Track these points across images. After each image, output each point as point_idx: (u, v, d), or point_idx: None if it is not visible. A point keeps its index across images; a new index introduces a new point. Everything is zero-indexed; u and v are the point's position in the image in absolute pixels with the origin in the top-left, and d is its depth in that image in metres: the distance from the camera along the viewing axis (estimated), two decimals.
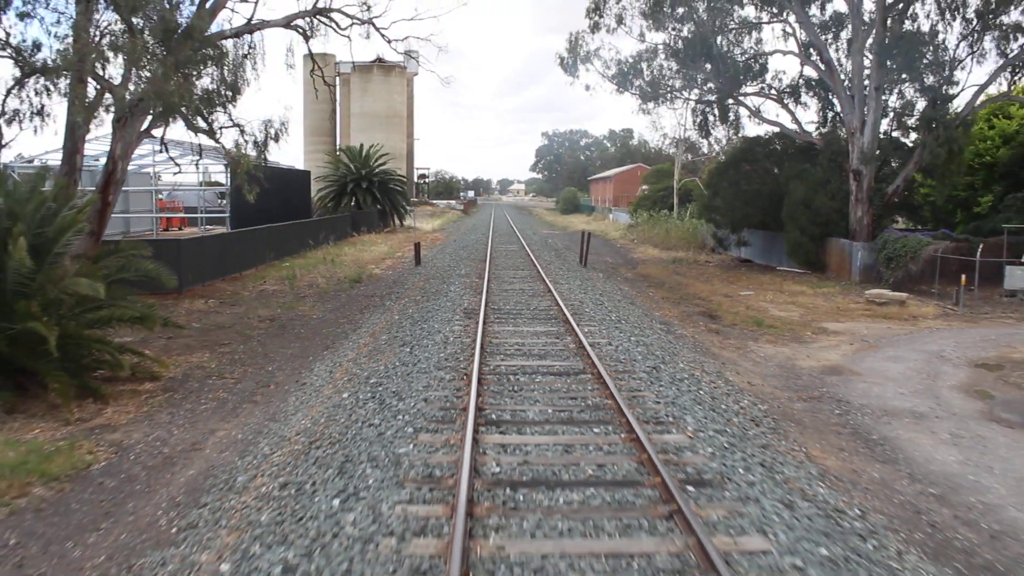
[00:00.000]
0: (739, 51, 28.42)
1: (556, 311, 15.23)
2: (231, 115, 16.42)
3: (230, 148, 17.11)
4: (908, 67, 24.38)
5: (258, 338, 14.73)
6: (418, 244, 28.87)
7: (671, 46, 28.31)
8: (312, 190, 47.16)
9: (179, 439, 8.97)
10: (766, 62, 28.72)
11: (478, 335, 12.08)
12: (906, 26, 24.39)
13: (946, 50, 24.39)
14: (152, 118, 16.60)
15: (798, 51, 27.08)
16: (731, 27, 27.97)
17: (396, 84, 76.96)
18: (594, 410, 8.41)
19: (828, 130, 27.91)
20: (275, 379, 11.73)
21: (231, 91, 16.06)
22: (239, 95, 16.25)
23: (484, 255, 28.15)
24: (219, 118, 16.29)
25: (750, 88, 29.06)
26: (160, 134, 17.58)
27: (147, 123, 16.88)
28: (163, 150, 18.17)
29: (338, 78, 69.53)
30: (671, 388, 9.55)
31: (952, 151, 22.92)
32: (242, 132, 16.75)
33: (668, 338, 13.96)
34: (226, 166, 28.41)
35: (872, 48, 24.13)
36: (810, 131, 28.38)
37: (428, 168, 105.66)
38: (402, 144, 77.02)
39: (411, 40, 23.44)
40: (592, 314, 15.23)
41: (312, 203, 46.17)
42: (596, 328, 13.59)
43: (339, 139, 76.94)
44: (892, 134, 26.79)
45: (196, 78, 15.86)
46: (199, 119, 15.99)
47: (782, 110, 28.91)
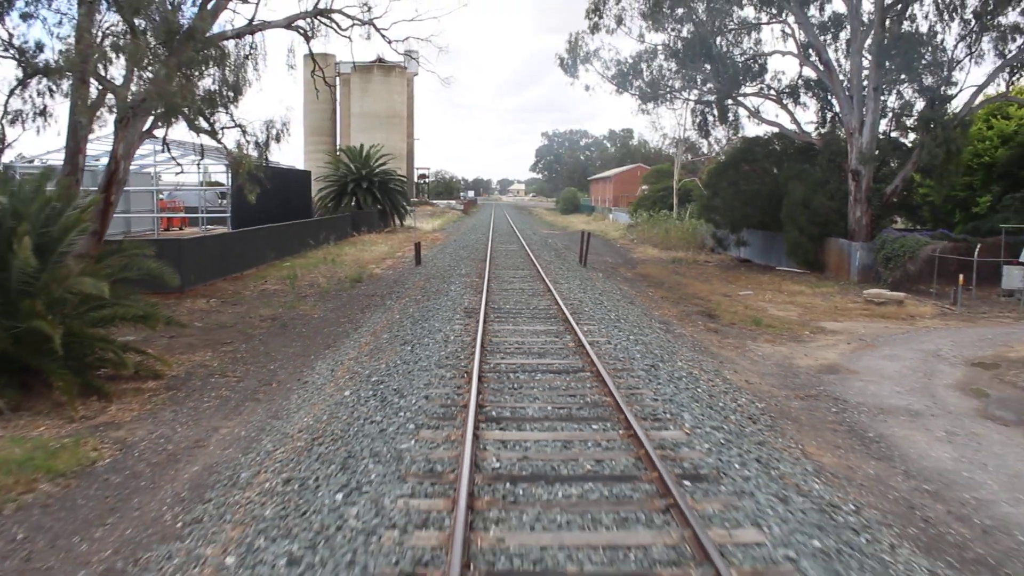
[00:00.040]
0: (738, 52, 28.53)
1: (556, 310, 15.35)
2: (233, 115, 16.55)
3: (232, 149, 17.22)
4: (906, 68, 24.48)
5: (260, 337, 14.83)
6: (418, 244, 28.98)
7: (670, 47, 28.43)
8: (312, 190, 47.28)
9: (183, 436, 9.07)
10: (765, 63, 28.85)
11: (478, 334, 12.19)
12: (904, 27, 24.50)
13: (944, 51, 24.51)
14: (154, 119, 16.70)
15: (797, 52, 27.18)
16: (730, 28, 28.08)
17: (396, 84, 77.06)
18: (593, 407, 8.53)
19: (827, 130, 28.01)
20: (277, 377, 11.83)
21: (233, 92, 16.18)
22: (241, 96, 16.38)
23: (484, 255, 28.26)
24: (221, 118, 16.43)
25: (749, 88, 29.18)
26: (162, 134, 17.68)
27: (149, 123, 16.98)
28: (165, 150, 18.27)
29: (338, 78, 69.63)
30: (669, 386, 9.66)
31: (950, 151, 23.03)
32: (244, 132, 16.89)
33: (667, 337, 14.07)
34: (227, 166, 28.51)
35: (871, 49, 24.23)
36: (809, 131, 28.49)
37: (428, 168, 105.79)
38: (402, 144, 77.12)
39: (411, 41, 23.64)
40: (591, 313, 15.34)
41: (313, 203, 46.29)
42: (595, 327, 13.69)
43: (339, 139, 77.05)
44: (891, 134, 26.89)
45: (198, 79, 15.98)
46: (201, 119, 16.10)
47: (781, 110, 29.05)
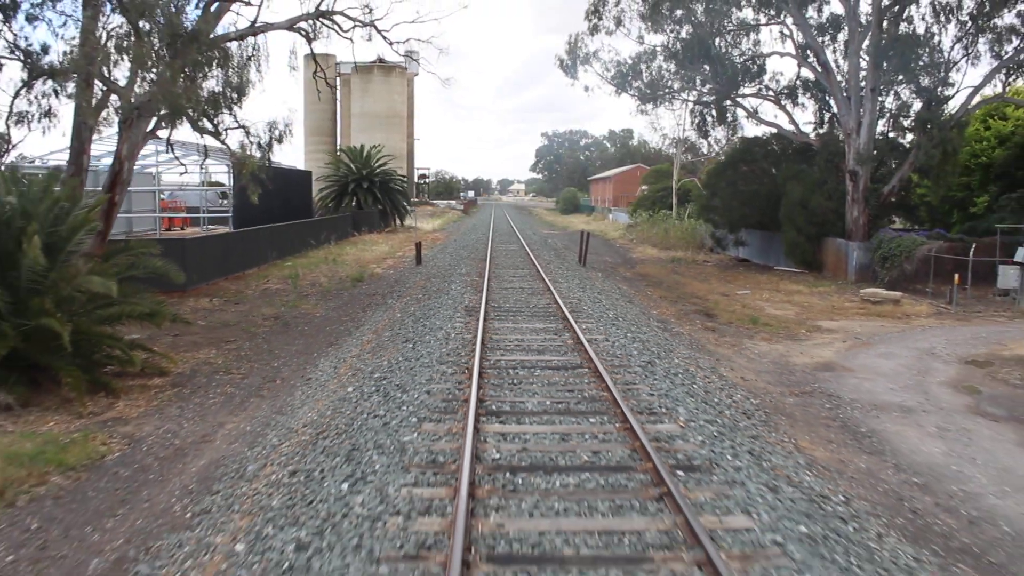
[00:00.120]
0: (737, 53, 28.69)
1: (555, 309, 15.54)
2: (236, 117, 16.76)
3: (235, 149, 17.42)
4: (904, 69, 24.68)
5: (263, 335, 15.02)
6: (419, 244, 29.16)
7: (669, 48, 28.61)
8: (313, 190, 47.48)
9: (189, 431, 9.26)
10: (764, 64, 29.01)
11: (479, 331, 12.38)
12: (902, 28, 24.70)
13: (941, 52, 24.70)
14: (158, 120, 16.90)
15: (795, 53, 27.38)
16: (729, 29, 28.26)
17: (396, 84, 77.22)
18: (590, 402, 8.74)
19: (825, 131, 28.19)
20: (281, 375, 12.02)
21: (237, 93, 16.37)
22: (244, 97, 16.57)
23: (484, 255, 28.45)
24: (224, 120, 16.62)
25: (748, 89, 29.37)
26: (165, 135, 17.88)
27: (152, 124, 17.19)
28: (169, 151, 18.46)
29: (339, 78, 69.62)
30: (665, 382, 9.87)
31: (946, 152, 23.21)
32: (247, 133, 17.09)
33: (664, 335, 14.26)
34: (228, 166, 28.78)
35: (868, 50, 24.42)
36: (807, 132, 28.68)
37: (428, 168, 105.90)
38: (402, 144, 77.27)
39: (412, 42, 23.85)
40: (590, 312, 15.53)
41: (313, 203, 46.49)
42: (594, 325, 13.89)
43: (339, 139, 77.19)
44: (888, 135, 27.07)
45: (202, 80, 16.16)
46: (205, 121, 16.30)
47: (779, 111, 29.23)
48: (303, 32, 20.29)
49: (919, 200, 28.12)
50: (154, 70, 15.50)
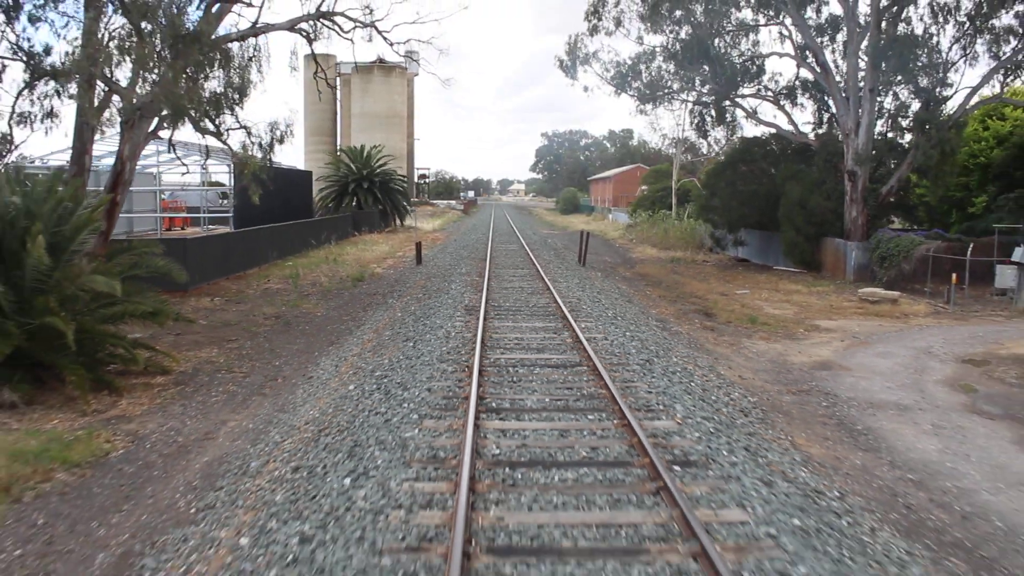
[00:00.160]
0: (736, 53, 28.79)
1: (554, 308, 15.64)
2: (238, 117, 16.86)
3: (237, 150, 17.52)
4: (902, 69, 24.79)
5: (264, 334, 15.12)
6: (419, 243, 29.25)
7: (669, 48, 28.71)
8: (314, 190, 47.58)
9: (192, 429, 9.36)
10: (763, 64, 29.12)
11: (479, 330, 12.49)
12: (900, 29, 24.80)
13: (939, 53, 24.80)
14: (159, 120, 16.99)
15: (794, 53, 27.49)
16: (728, 29, 28.35)
17: (396, 84, 77.32)
18: (589, 399, 8.85)
19: (824, 131, 28.31)
20: (282, 373, 12.12)
21: (238, 94, 16.47)
22: (246, 98, 16.66)
23: (484, 254, 28.55)
24: (226, 120, 16.71)
25: (747, 90, 29.48)
26: (167, 136, 17.98)
27: (154, 125, 17.29)
28: (171, 151, 18.56)
29: (339, 78, 69.65)
30: (663, 379, 9.97)
31: (944, 152, 23.32)
32: (249, 134, 17.19)
33: (663, 334, 14.36)
34: (229, 166, 28.89)
35: (867, 51, 24.52)
36: (806, 132, 28.79)
37: (428, 168, 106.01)
38: (402, 144, 77.36)
39: (412, 42, 23.93)
40: (589, 311, 15.63)
41: (314, 203, 46.60)
42: (593, 324, 13.99)
43: (340, 139, 77.27)
44: (887, 135, 27.18)
45: (204, 81, 16.26)
46: (207, 121, 16.39)
47: (779, 111, 29.35)
48: (304, 33, 20.39)
49: (918, 200, 28.22)
50: (156, 71, 15.59)
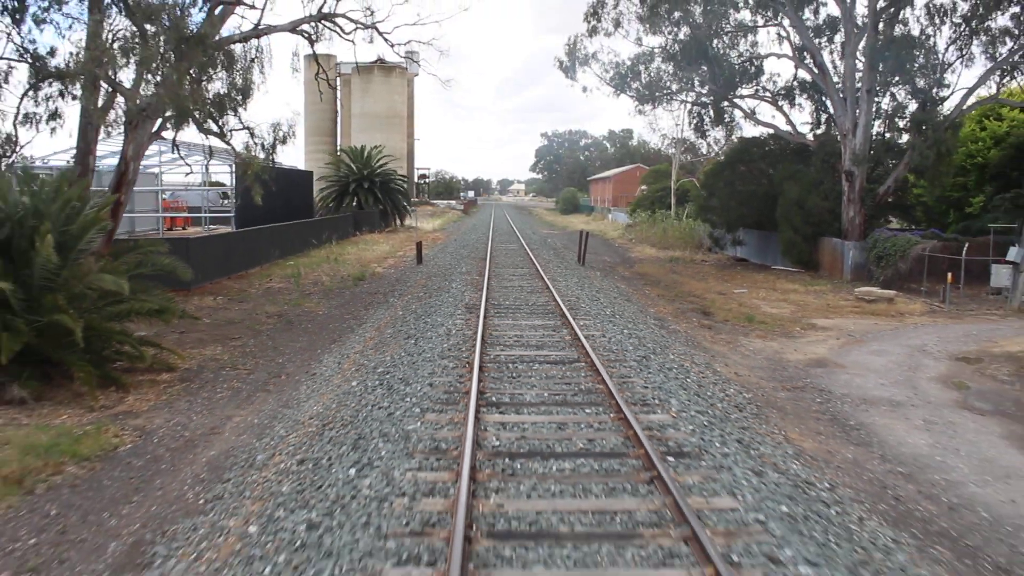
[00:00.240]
0: (735, 54, 28.99)
1: (553, 306, 15.84)
2: (241, 118, 17.04)
3: (240, 150, 17.71)
4: (899, 70, 24.99)
5: (267, 333, 15.31)
6: (420, 243, 29.44)
7: (667, 49, 28.90)
8: (314, 190, 47.76)
9: (198, 424, 9.55)
10: (761, 65, 29.31)
11: (479, 328, 12.68)
12: (897, 30, 25.00)
13: (936, 54, 25.00)
14: (163, 121, 17.17)
15: (792, 54, 27.69)
16: (727, 30, 28.54)
17: (397, 85, 77.48)
18: (586, 393, 9.06)
19: (822, 132, 28.49)
20: (286, 370, 12.31)
21: (241, 95, 16.66)
22: (249, 99, 16.86)
23: (484, 254, 28.74)
24: (229, 121, 16.90)
25: (745, 90, 29.69)
26: (171, 136, 18.17)
27: (157, 125, 17.47)
28: (175, 152, 18.76)
29: (339, 78, 69.87)
30: (659, 375, 10.18)
31: (940, 153, 23.48)
32: (252, 135, 17.38)
33: (661, 332, 14.55)
34: (230, 166, 29.07)
35: (864, 52, 24.71)
36: (804, 132, 28.99)
37: (428, 168, 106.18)
38: (403, 144, 77.51)
39: (413, 44, 24.15)
40: (588, 309, 15.83)
41: (315, 203, 46.80)
42: (591, 322, 14.18)
43: (340, 139, 77.43)
44: (884, 136, 27.38)
45: (207, 82, 16.46)
46: (210, 122, 16.59)
47: (777, 112, 29.58)
48: (305, 34, 20.57)
49: (915, 200, 28.41)
50: (160, 72, 15.78)
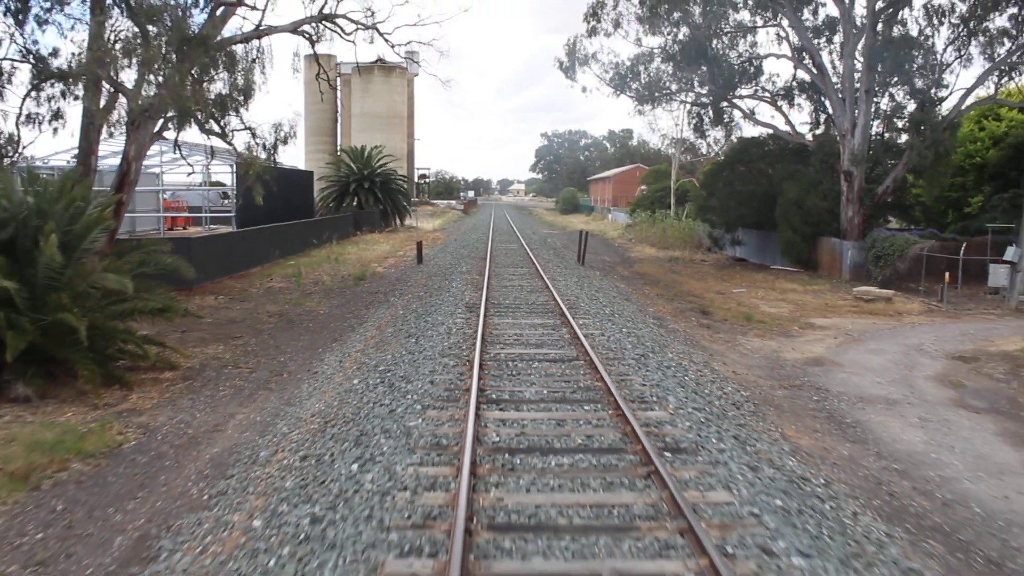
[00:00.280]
0: (734, 54, 29.10)
1: (553, 305, 15.94)
2: (243, 119, 17.16)
3: (242, 151, 17.82)
4: (898, 71, 25.10)
5: (268, 332, 15.41)
6: (420, 243, 29.53)
7: (667, 50, 29.00)
8: (315, 190, 47.88)
9: (201, 421, 9.65)
10: (760, 65, 29.42)
11: (479, 327, 12.79)
12: (896, 31, 25.11)
13: (934, 54, 25.10)
14: (165, 121, 17.29)
15: (791, 55, 27.79)
16: (726, 31, 28.65)
17: (397, 85, 77.61)
18: (585, 391, 9.17)
19: (820, 132, 28.60)
20: (288, 368, 12.41)
21: (243, 95, 16.77)
22: (251, 99, 16.98)
23: (484, 254, 28.84)
24: (231, 121, 17.01)
25: (744, 91, 29.80)
26: (172, 136, 18.28)
27: (159, 126, 17.59)
28: (176, 152, 18.87)
29: (339, 78, 70.03)
30: (657, 373, 10.29)
31: (938, 153, 23.57)
32: (253, 135, 17.49)
33: (659, 331, 14.65)
34: (231, 166, 29.18)
35: (863, 52, 24.81)
36: (803, 133, 29.10)
37: (428, 168, 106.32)
38: (403, 144, 77.64)
39: (413, 44, 24.27)
40: (587, 308, 15.93)
41: (315, 203, 46.91)
42: (590, 321, 14.29)
43: (340, 139, 77.54)
44: (883, 136, 27.48)
45: (209, 83, 16.57)
46: (212, 122, 16.70)
47: (776, 112, 29.69)
48: (306, 35, 20.68)
49: (914, 200, 28.52)
50: (162, 73, 15.89)
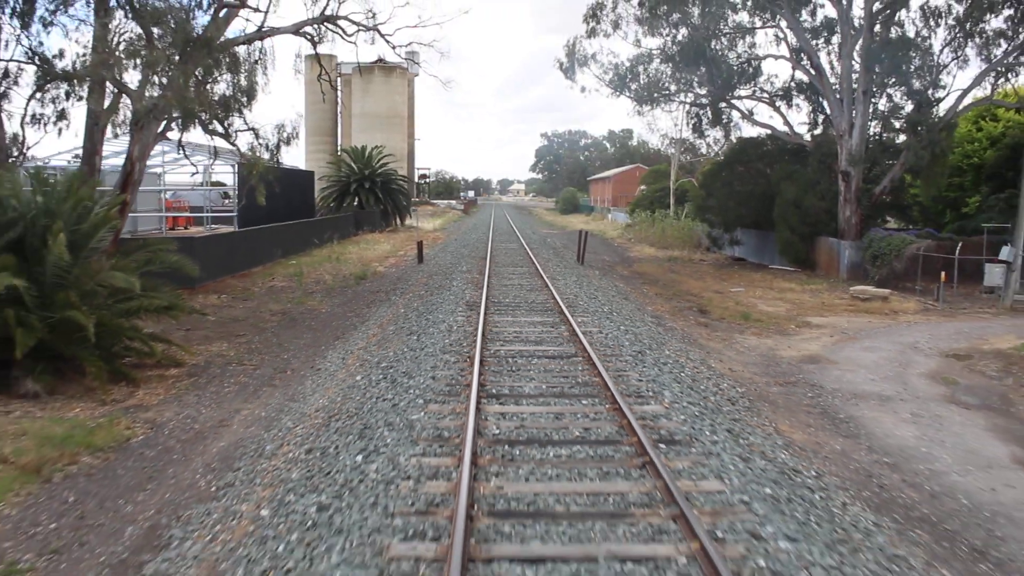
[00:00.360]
0: (733, 55, 29.27)
1: (552, 304, 16.14)
2: (246, 119, 17.36)
3: (245, 151, 18.01)
4: (895, 71, 25.27)
5: (271, 330, 15.61)
6: (420, 242, 29.70)
7: (666, 51, 29.18)
8: (315, 190, 48.05)
9: (207, 417, 9.85)
10: (759, 66, 29.58)
11: (480, 324, 12.99)
12: (893, 32, 25.27)
13: (931, 55, 25.25)
14: (168, 122, 17.49)
15: (789, 56, 27.96)
16: (725, 32, 28.82)
17: (397, 85, 77.81)
18: (583, 386, 9.38)
19: (818, 132, 28.76)
20: (291, 366, 12.61)
21: (246, 96, 16.97)
22: (254, 100, 17.18)
23: (484, 253, 29.02)
24: (235, 122, 17.21)
25: (743, 91, 29.97)
26: (176, 137, 18.48)
27: (162, 126, 17.79)
28: (180, 152, 19.06)
29: (340, 78, 70.13)
30: (654, 369, 10.49)
31: (935, 153, 23.73)
32: (257, 136, 17.69)
33: (657, 329, 14.85)
34: (233, 166, 29.37)
35: (860, 53, 24.98)
36: (801, 133, 29.28)
37: (429, 168, 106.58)
38: (403, 144, 77.82)
39: (414, 45, 24.49)
40: (586, 307, 16.13)
41: (316, 202, 47.09)
42: (589, 319, 14.48)
43: (340, 139, 77.75)
44: (881, 136, 27.65)
45: (212, 84, 16.77)
46: (216, 123, 16.89)
47: (774, 113, 29.88)
48: (308, 36, 20.87)
49: (912, 200, 28.69)
50: (166, 74, 16.09)
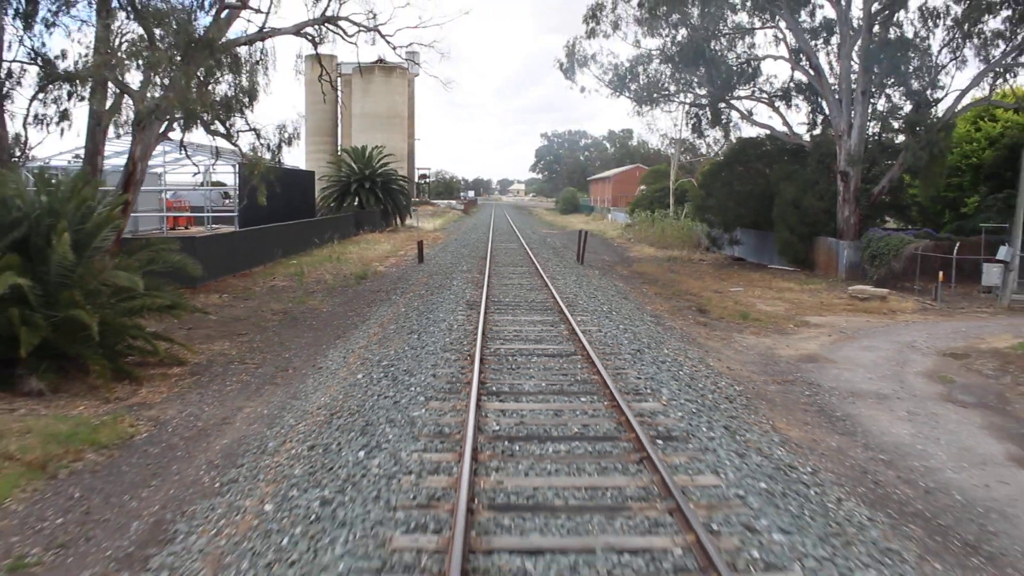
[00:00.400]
0: (732, 56, 29.36)
1: (552, 303, 16.24)
2: (248, 120, 17.48)
3: (246, 151, 18.11)
4: (894, 72, 25.36)
5: (273, 329, 15.70)
6: (421, 242, 29.80)
7: (665, 51, 29.28)
8: (316, 189, 48.14)
9: (210, 415, 9.94)
10: (758, 66, 29.67)
11: (480, 323, 13.10)
12: (892, 33, 25.35)
13: (930, 56, 25.34)
14: (169, 122, 17.59)
15: (788, 56, 28.05)
16: (724, 32, 28.91)
17: (397, 85, 77.92)
18: (582, 383, 9.49)
19: (817, 133, 28.84)
20: (292, 364, 12.71)
21: (247, 97, 17.07)
22: (255, 100, 17.28)
23: (484, 253, 29.12)
24: (236, 123, 17.31)
25: (742, 92, 30.06)
26: (178, 137, 18.59)
27: (164, 127, 17.89)
28: (182, 152, 19.15)
29: (340, 79, 70.29)
30: (652, 367, 10.60)
31: (934, 153, 23.82)
32: (258, 136, 17.79)
33: (657, 328, 14.94)
34: (233, 166, 29.48)
35: (859, 54, 25.08)
36: (800, 133, 29.38)
37: (429, 168, 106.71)
38: (403, 144, 77.93)
39: (415, 46, 24.57)
40: (586, 306, 16.23)
41: (316, 202, 47.18)
42: (589, 318, 14.59)
43: (340, 139, 77.85)
44: (879, 136, 27.74)
45: (214, 84, 16.87)
46: (217, 124, 16.99)
47: (773, 113, 29.94)
48: (309, 37, 20.99)
49: (910, 200, 28.78)
50: (168, 75, 16.20)
